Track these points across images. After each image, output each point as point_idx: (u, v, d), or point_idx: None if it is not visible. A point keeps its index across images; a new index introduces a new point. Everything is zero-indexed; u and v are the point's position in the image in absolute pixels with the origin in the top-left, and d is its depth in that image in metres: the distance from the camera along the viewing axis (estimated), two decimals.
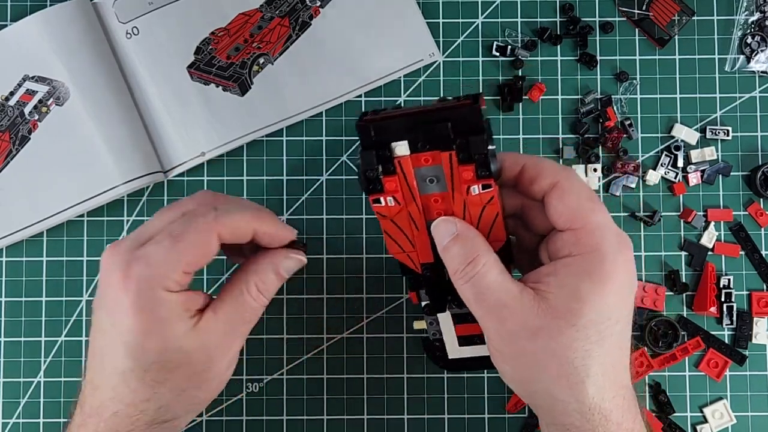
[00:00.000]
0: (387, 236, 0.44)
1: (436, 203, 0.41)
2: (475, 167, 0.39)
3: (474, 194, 0.40)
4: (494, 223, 0.41)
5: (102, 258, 0.42)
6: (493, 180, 0.40)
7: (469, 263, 0.40)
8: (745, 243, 0.57)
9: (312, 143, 0.58)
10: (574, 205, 0.40)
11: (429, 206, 0.42)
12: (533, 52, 0.58)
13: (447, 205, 0.41)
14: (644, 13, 0.58)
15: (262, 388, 0.56)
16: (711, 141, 0.58)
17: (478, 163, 0.39)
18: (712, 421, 0.56)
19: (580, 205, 0.40)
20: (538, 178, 0.41)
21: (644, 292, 0.56)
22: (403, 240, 0.44)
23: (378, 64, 0.58)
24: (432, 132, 0.39)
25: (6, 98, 0.57)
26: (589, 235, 0.39)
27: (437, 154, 0.40)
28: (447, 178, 0.40)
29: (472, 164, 0.39)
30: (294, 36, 0.58)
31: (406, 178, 0.41)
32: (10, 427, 0.56)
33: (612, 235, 0.40)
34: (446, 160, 0.40)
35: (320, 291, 0.57)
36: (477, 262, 0.40)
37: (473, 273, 0.40)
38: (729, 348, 0.56)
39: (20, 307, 0.57)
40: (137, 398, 0.42)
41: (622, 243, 0.40)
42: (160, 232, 0.42)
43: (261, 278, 0.43)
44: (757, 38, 0.58)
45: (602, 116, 0.57)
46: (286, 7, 0.58)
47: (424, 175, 0.41)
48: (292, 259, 0.44)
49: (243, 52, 0.58)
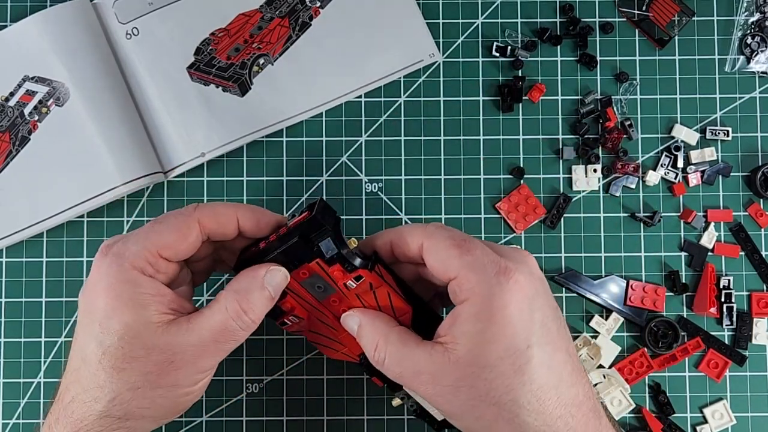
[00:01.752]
0: (318, 346, 0.48)
1: (336, 303, 0.45)
2: (340, 266, 0.42)
3: (353, 288, 0.43)
4: (391, 301, 0.44)
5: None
6: (363, 270, 0.43)
7: (375, 350, 0.42)
8: (745, 243, 0.57)
9: (312, 144, 0.58)
10: (441, 259, 0.41)
11: (334, 307, 0.45)
12: (533, 53, 0.58)
13: (347, 302, 0.45)
14: (644, 13, 0.58)
15: (262, 388, 0.56)
16: (711, 141, 0.58)
17: (340, 262, 0.42)
18: (712, 421, 0.56)
19: (446, 256, 0.41)
20: (406, 247, 0.43)
21: (644, 292, 0.56)
22: (331, 343, 0.47)
23: (378, 64, 0.58)
24: (293, 251, 0.42)
25: (6, 99, 0.57)
26: (465, 281, 0.40)
27: (309, 267, 0.43)
28: (329, 282, 0.43)
29: (336, 264, 0.42)
30: (294, 36, 0.58)
31: (298, 295, 0.44)
32: (10, 427, 0.56)
33: (486, 271, 0.40)
34: (317, 268, 0.43)
35: None
36: (380, 348, 0.42)
37: (380, 357, 0.42)
38: (729, 348, 0.56)
39: (20, 308, 0.57)
40: (92, 383, 0.41)
41: (501, 272, 0.40)
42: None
43: (243, 297, 0.42)
44: (757, 39, 0.58)
45: (602, 117, 0.57)
46: (286, 7, 0.58)
47: (313, 284, 0.44)
48: (276, 272, 0.43)
49: (243, 53, 0.58)
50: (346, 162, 0.58)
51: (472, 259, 0.40)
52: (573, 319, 0.57)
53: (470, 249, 0.41)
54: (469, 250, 0.41)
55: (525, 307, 0.40)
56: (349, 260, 0.42)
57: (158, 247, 0.42)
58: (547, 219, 0.57)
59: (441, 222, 0.57)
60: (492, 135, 0.58)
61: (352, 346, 0.46)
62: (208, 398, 0.56)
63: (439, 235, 0.42)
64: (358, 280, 0.43)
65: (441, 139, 0.58)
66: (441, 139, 0.58)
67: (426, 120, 0.58)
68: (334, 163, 0.58)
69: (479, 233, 0.57)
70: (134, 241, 0.42)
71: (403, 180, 0.57)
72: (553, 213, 0.57)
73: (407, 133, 0.58)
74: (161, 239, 0.42)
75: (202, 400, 0.56)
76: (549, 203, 0.57)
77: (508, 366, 0.39)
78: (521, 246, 0.57)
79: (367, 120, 0.58)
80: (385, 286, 0.43)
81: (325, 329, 0.46)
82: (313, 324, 0.46)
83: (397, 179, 0.57)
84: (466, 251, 0.41)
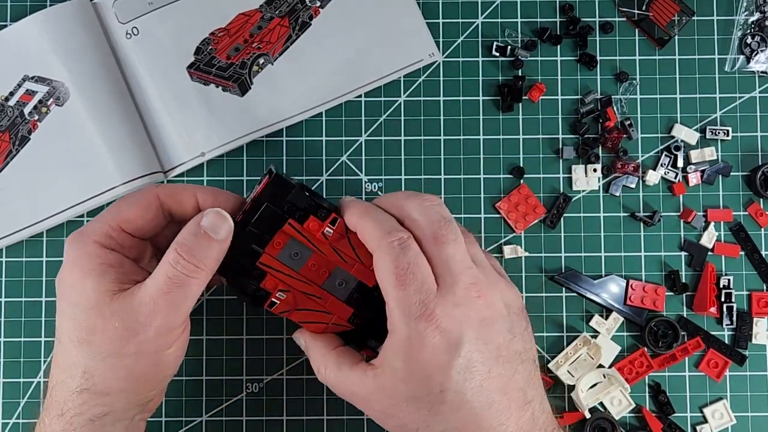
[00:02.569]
0: (306, 325, 0.47)
1: (315, 268, 0.45)
2: (314, 216, 0.44)
3: (331, 235, 0.44)
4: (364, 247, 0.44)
5: None
6: (335, 213, 0.44)
7: (318, 373, 0.45)
8: (745, 243, 0.57)
9: (312, 143, 0.58)
10: (380, 276, 0.42)
11: (314, 274, 0.45)
12: (533, 53, 0.58)
13: (325, 262, 0.45)
14: (644, 13, 0.58)
15: (262, 388, 0.56)
16: (711, 141, 0.58)
17: (313, 212, 0.44)
18: (712, 421, 0.56)
19: (384, 277, 0.41)
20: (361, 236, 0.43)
21: (644, 292, 0.56)
22: (320, 317, 0.47)
23: (378, 64, 0.58)
24: (265, 220, 0.44)
25: (6, 98, 0.57)
26: (391, 313, 0.41)
27: (282, 233, 0.44)
28: (305, 243, 0.44)
29: (310, 216, 0.44)
30: (294, 36, 0.58)
31: (276, 270, 0.45)
32: (10, 427, 0.56)
33: (409, 312, 0.40)
34: (291, 230, 0.44)
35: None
36: (321, 372, 0.45)
37: (324, 380, 0.45)
38: (729, 348, 0.56)
39: (20, 307, 0.57)
40: (67, 361, 0.42)
41: (423, 317, 0.40)
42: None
43: (180, 243, 0.42)
44: (757, 38, 0.58)
45: (602, 116, 0.57)
46: (285, 7, 0.58)
47: (290, 253, 0.44)
48: (210, 213, 0.42)
49: (243, 53, 0.58)
50: (346, 162, 0.58)
51: (403, 295, 0.40)
52: (573, 318, 0.57)
53: (405, 283, 0.40)
54: (404, 285, 0.40)
55: (442, 352, 0.40)
56: (321, 203, 0.44)
57: (118, 221, 0.43)
58: (547, 219, 0.57)
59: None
60: (492, 135, 0.58)
61: (341, 310, 0.46)
62: (208, 398, 0.56)
63: (386, 253, 0.41)
64: (334, 224, 0.44)
65: (441, 138, 0.58)
66: (441, 138, 0.58)
67: (426, 120, 0.58)
68: (334, 163, 0.58)
69: (479, 233, 0.57)
70: (96, 219, 0.44)
71: (403, 180, 0.57)
72: (553, 213, 0.57)
73: (407, 133, 0.58)
74: (121, 214, 0.44)
75: (201, 400, 0.56)
76: (549, 203, 0.57)
77: (424, 404, 0.41)
78: (521, 246, 0.57)
79: (367, 120, 0.58)
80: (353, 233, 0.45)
81: (311, 302, 0.46)
82: (298, 300, 0.46)
83: (397, 179, 0.57)
84: (401, 284, 0.40)
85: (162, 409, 0.56)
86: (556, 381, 0.56)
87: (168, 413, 0.56)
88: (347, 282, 0.46)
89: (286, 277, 0.45)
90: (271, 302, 0.46)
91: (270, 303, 0.46)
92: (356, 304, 0.46)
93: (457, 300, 0.41)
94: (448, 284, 0.41)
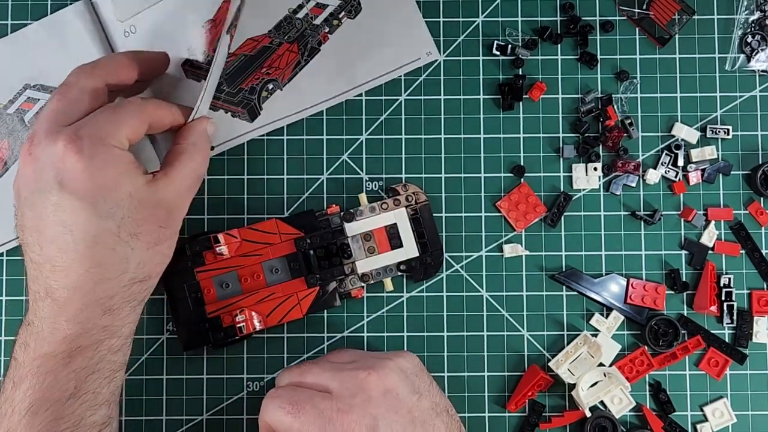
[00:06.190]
0: (286, 318, 0.54)
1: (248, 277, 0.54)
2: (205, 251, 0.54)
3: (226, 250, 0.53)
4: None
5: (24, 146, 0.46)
6: (207, 235, 0.54)
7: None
8: (746, 242, 0.57)
9: (312, 142, 0.58)
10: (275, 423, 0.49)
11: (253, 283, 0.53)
12: (534, 51, 0.58)
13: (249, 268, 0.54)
14: (644, 12, 0.58)
15: (263, 386, 0.56)
16: (711, 140, 0.58)
17: (202, 249, 0.54)
18: (713, 419, 0.56)
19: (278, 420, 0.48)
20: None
21: (645, 290, 0.56)
22: (287, 305, 0.53)
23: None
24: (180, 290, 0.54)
25: (5, 107, 0.57)
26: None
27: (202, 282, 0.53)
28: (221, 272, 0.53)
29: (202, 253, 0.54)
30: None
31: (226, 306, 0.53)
32: None
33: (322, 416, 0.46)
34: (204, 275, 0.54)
35: None
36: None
37: None
38: (729, 347, 0.56)
39: (20, 307, 0.57)
40: (114, 260, 0.45)
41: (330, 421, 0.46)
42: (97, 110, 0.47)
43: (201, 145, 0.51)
44: (758, 37, 0.58)
45: (602, 115, 0.57)
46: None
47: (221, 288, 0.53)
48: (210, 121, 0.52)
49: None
50: (346, 160, 0.58)
51: (305, 419, 0.46)
52: (573, 317, 0.57)
53: (300, 412, 0.46)
54: (299, 413, 0.46)
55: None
56: (197, 238, 0.53)
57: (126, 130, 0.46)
58: (547, 217, 0.57)
59: (440, 221, 0.57)
60: (492, 133, 0.58)
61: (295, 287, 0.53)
62: (209, 396, 0.56)
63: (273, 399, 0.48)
64: (218, 242, 0.52)
65: (441, 137, 0.58)
66: (441, 137, 0.58)
67: (426, 118, 0.58)
68: (335, 162, 0.58)
69: (479, 232, 0.57)
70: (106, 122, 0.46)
71: (403, 178, 0.57)
72: (553, 211, 0.57)
73: (408, 132, 0.58)
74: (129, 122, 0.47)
75: (202, 399, 0.56)
76: (549, 201, 0.57)
77: None
78: (522, 244, 0.57)
79: (367, 118, 0.58)
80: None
81: (272, 302, 0.53)
82: (261, 310, 0.53)
83: (397, 177, 0.57)
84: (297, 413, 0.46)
85: (162, 408, 0.56)
86: (556, 380, 0.56)
87: (168, 412, 0.56)
88: (277, 265, 0.53)
89: (236, 305, 0.53)
90: (239, 328, 0.52)
91: (239, 329, 0.52)
92: (300, 271, 0.53)
93: (349, 390, 0.46)
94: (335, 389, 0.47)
